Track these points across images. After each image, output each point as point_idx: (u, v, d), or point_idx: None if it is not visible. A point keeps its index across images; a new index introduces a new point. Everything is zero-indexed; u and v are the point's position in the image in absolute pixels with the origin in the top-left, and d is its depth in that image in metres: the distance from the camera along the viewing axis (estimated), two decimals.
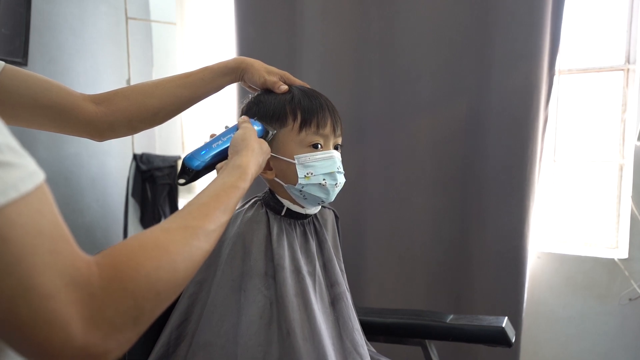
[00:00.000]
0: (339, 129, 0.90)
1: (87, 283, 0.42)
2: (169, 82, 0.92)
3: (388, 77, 1.71)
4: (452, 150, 1.67)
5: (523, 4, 1.53)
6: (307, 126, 0.85)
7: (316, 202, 0.89)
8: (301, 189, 0.85)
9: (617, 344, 1.69)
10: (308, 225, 0.93)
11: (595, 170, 1.82)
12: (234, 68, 0.92)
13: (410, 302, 1.73)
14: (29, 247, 0.38)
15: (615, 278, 1.67)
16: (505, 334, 1.09)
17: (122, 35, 2.18)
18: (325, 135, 0.87)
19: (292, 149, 0.85)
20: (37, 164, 0.42)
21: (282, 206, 0.89)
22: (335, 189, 0.87)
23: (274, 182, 0.89)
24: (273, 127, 0.86)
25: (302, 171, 0.85)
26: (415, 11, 1.65)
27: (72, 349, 0.40)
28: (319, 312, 0.85)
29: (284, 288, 0.82)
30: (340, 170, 0.88)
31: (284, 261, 0.84)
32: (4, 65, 0.77)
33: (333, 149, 0.88)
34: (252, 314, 0.80)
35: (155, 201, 2.20)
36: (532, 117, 1.56)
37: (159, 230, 0.53)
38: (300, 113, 0.85)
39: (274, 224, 0.88)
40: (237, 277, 0.83)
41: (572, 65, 1.79)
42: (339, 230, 1.05)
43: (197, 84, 0.92)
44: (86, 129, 0.86)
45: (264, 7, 1.85)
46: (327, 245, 0.94)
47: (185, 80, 0.92)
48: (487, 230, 1.64)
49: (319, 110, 0.86)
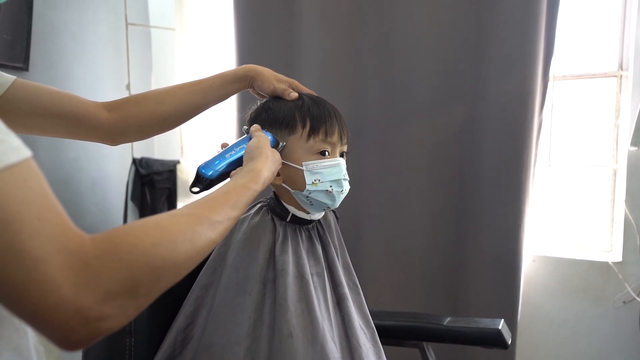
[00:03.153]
0: (346, 137, 0.92)
1: (80, 251, 0.42)
2: (179, 90, 0.94)
3: (385, 82, 1.73)
4: (448, 155, 1.70)
5: (518, 11, 1.55)
6: (316, 134, 0.87)
7: (322, 207, 0.90)
8: (308, 194, 0.87)
9: (611, 346, 1.71)
10: (313, 230, 0.95)
11: (589, 175, 1.84)
12: (243, 76, 0.94)
13: (408, 305, 1.75)
14: (15, 213, 0.39)
15: (609, 281, 1.69)
16: (501, 336, 1.11)
17: (122, 41, 2.20)
18: (333, 143, 0.89)
19: (300, 156, 0.87)
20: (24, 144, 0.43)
21: (288, 212, 0.91)
22: (341, 195, 0.90)
23: (280, 187, 0.90)
24: (282, 134, 0.87)
25: (310, 178, 0.86)
26: (412, 17, 1.67)
27: (67, 312, 0.41)
28: (323, 316, 0.86)
29: (286, 293, 0.83)
30: (346, 178, 0.91)
31: (288, 266, 0.86)
32: (15, 79, 0.81)
33: (339, 156, 0.91)
34: (255, 317, 0.82)
35: (154, 205, 2.21)
36: (527, 122, 1.58)
37: (163, 214, 0.54)
38: (310, 120, 0.87)
39: (280, 230, 0.89)
40: (243, 281, 0.85)
41: (566, 71, 1.81)
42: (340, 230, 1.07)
43: (206, 91, 0.94)
44: (98, 134, 0.89)
45: (263, 13, 1.87)
46: (330, 249, 0.96)
47: (195, 88, 0.94)
48: (483, 233, 1.66)
49: (328, 119, 0.88)
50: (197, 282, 0.89)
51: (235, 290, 0.84)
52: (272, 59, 1.87)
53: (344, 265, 1.01)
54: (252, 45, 1.90)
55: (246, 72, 0.94)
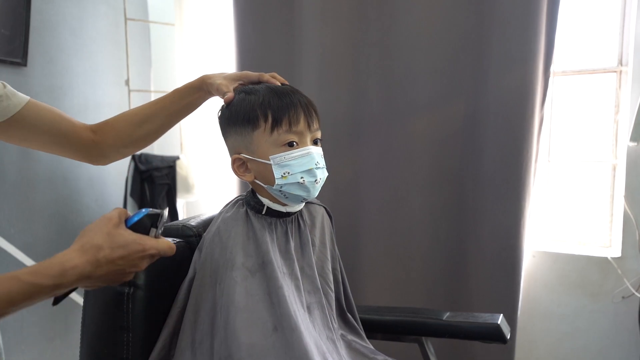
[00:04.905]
0: (315, 123, 0.88)
1: None
2: (148, 109, 0.99)
3: (386, 79, 1.73)
4: (448, 151, 1.69)
5: (519, 7, 1.55)
6: (279, 125, 0.84)
7: (298, 200, 0.89)
8: (280, 189, 0.85)
9: (610, 341, 1.72)
10: (290, 224, 0.93)
11: (588, 170, 1.84)
12: (198, 86, 0.96)
13: (408, 300, 1.75)
14: None
15: (608, 276, 1.70)
16: (500, 330, 1.11)
17: (121, 36, 2.19)
18: (299, 132, 0.86)
19: (267, 150, 0.85)
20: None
21: (262, 205, 0.90)
22: (315, 185, 0.87)
23: (254, 183, 0.89)
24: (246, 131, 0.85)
25: (279, 171, 0.84)
26: (412, 13, 1.67)
27: None
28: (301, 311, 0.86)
29: (275, 283, 0.83)
30: (320, 166, 0.87)
31: (270, 255, 0.85)
32: (28, 101, 0.88)
33: (312, 144, 0.88)
34: (227, 306, 0.81)
35: (153, 201, 2.21)
36: (528, 118, 1.58)
37: None
38: (271, 112, 0.84)
39: (256, 222, 0.88)
40: (214, 272, 0.84)
41: (567, 67, 1.81)
42: (334, 228, 1.05)
43: (168, 107, 0.98)
44: (82, 154, 0.98)
45: (262, 8, 1.86)
46: (308, 249, 0.93)
47: (158, 105, 0.99)
48: (483, 229, 1.66)
49: (291, 108, 0.85)
50: (184, 280, 0.89)
51: (209, 283, 0.84)
52: (272, 54, 1.87)
53: (319, 267, 0.97)
54: (251, 41, 1.89)
55: (200, 81, 0.96)
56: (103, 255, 0.65)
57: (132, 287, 0.81)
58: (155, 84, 2.33)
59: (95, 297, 0.84)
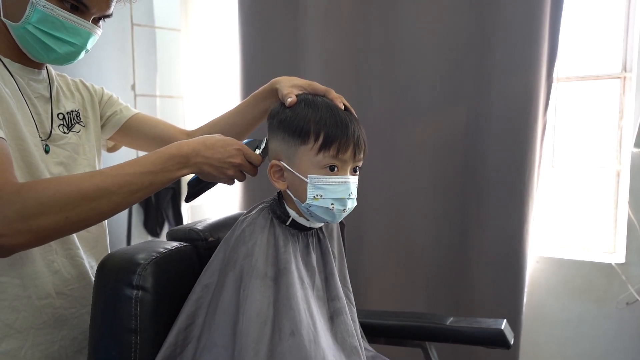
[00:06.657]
0: (361, 154, 0.87)
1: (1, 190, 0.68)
2: (229, 117, 1.11)
3: (389, 83, 1.73)
4: (452, 156, 1.70)
5: (522, 13, 1.56)
6: (327, 150, 0.83)
7: (321, 222, 0.89)
8: (308, 207, 0.85)
9: (614, 347, 1.71)
10: (311, 237, 0.93)
11: (592, 176, 1.84)
12: (270, 90, 1.01)
13: (411, 305, 1.75)
14: None
15: (612, 282, 1.69)
16: (504, 336, 1.11)
17: (128, 42, 2.21)
18: (344, 160, 0.85)
19: (308, 168, 0.84)
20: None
21: (288, 216, 0.90)
22: (342, 214, 0.86)
23: (285, 192, 0.89)
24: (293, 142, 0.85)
25: (312, 192, 0.84)
26: (416, 18, 1.68)
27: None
28: (321, 321, 0.86)
29: (292, 290, 0.83)
30: (352, 197, 0.86)
31: (291, 265, 0.86)
32: (134, 114, 1.11)
33: (351, 172, 0.87)
34: (250, 313, 0.81)
35: (158, 205, 2.22)
36: (531, 123, 1.58)
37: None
38: (323, 136, 0.83)
39: (279, 231, 0.89)
40: (238, 277, 0.85)
41: (570, 72, 1.82)
42: (344, 237, 1.06)
43: (246, 113, 1.08)
44: None
45: (267, 14, 1.88)
46: (329, 258, 0.94)
47: (237, 113, 1.10)
48: (487, 234, 1.66)
49: (343, 137, 0.84)
50: (198, 281, 0.89)
51: (233, 287, 0.84)
52: (276, 60, 1.88)
53: (341, 277, 0.98)
54: (256, 46, 1.91)
55: (271, 85, 1.00)
56: (210, 141, 0.87)
57: (140, 290, 0.82)
58: (161, 88, 2.35)
59: (103, 300, 0.85)
